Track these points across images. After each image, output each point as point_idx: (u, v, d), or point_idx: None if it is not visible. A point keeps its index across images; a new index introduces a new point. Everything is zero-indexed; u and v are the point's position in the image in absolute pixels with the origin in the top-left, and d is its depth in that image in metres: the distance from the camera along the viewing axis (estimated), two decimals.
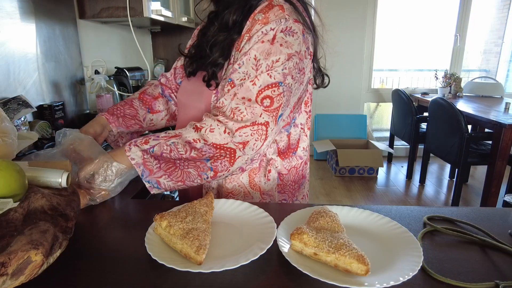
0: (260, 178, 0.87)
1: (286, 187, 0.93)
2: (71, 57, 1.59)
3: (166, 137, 0.73)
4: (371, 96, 4.02)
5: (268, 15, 0.72)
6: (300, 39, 0.75)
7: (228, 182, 0.86)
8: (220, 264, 0.55)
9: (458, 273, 0.56)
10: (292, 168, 0.92)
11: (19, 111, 1.11)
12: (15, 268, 0.49)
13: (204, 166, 0.72)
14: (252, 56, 0.72)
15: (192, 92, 0.88)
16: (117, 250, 0.63)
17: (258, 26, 0.72)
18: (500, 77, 4.03)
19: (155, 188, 0.75)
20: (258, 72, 0.71)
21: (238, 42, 0.77)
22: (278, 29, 0.72)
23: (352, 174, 3.47)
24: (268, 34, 0.72)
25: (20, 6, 1.27)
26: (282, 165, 0.89)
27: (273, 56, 0.71)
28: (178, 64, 1.05)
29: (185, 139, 0.71)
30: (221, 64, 0.80)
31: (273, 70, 0.71)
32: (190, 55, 0.90)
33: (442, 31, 3.94)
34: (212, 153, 0.71)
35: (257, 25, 0.73)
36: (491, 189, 2.46)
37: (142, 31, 2.43)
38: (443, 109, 2.64)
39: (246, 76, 0.72)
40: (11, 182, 0.60)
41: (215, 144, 0.70)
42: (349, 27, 3.71)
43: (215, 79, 0.80)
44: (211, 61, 0.79)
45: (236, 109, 0.71)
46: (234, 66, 0.74)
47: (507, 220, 0.74)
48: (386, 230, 0.67)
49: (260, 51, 0.72)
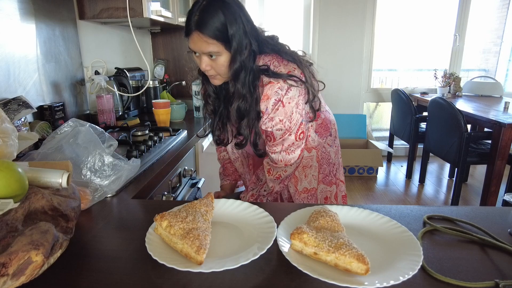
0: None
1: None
2: (71, 57, 1.59)
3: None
4: (371, 96, 4.03)
5: (266, 93, 0.94)
6: (297, 88, 0.96)
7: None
8: (221, 264, 0.55)
9: (458, 272, 0.56)
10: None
11: (19, 111, 1.12)
12: (16, 269, 0.49)
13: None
14: (277, 120, 0.97)
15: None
16: (118, 250, 0.63)
17: (264, 103, 0.95)
18: (500, 77, 4.03)
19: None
20: (286, 126, 0.97)
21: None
22: (280, 98, 0.94)
23: (351, 173, 3.47)
24: (277, 105, 0.95)
25: (20, 7, 1.28)
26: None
27: (289, 112, 0.96)
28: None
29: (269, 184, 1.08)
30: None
31: (293, 119, 0.97)
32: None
33: (441, 30, 3.94)
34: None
35: (264, 103, 0.95)
36: (491, 188, 2.46)
37: (142, 31, 2.43)
38: (443, 109, 2.64)
39: (282, 133, 0.99)
40: (12, 183, 0.60)
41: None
42: (349, 27, 3.71)
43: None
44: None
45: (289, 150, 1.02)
46: (267, 130, 0.99)
47: (506, 219, 0.74)
48: (386, 229, 0.67)
49: (281, 115, 0.96)
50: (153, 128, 1.57)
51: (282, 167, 1.04)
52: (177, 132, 1.51)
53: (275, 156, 1.02)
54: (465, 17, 3.73)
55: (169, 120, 1.69)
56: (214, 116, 1.11)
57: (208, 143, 1.85)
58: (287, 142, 1.00)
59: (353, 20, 3.69)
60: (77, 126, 0.89)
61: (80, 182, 0.81)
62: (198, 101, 1.91)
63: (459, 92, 3.53)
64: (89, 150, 0.84)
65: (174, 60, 2.57)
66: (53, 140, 0.87)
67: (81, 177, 0.82)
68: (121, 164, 0.87)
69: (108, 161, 0.85)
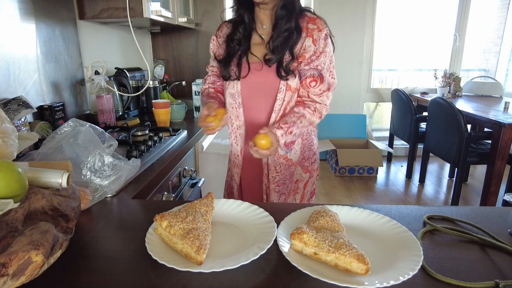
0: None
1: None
2: (71, 57, 1.59)
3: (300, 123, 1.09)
4: (371, 96, 4.03)
5: (318, 26, 1.07)
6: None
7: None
8: (221, 264, 0.55)
9: (458, 272, 0.56)
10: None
11: (19, 111, 1.12)
12: (16, 269, 0.49)
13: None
14: (329, 57, 1.10)
15: (262, 84, 1.12)
16: (118, 250, 0.63)
17: (317, 33, 1.06)
18: (500, 77, 4.03)
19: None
20: (331, 66, 1.12)
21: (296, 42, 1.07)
22: (328, 33, 1.09)
23: (352, 173, 3.47)
24: (327, 39, 1.08)
25: (20, 7, 1.28)
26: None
27: (331, 52, 1.11)
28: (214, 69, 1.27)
29: (309, 120, 1.10)
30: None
31: (333, 61, 1.13)
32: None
33: (441, 30, 3.94)
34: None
35: (316, 32, 1.06)
36: (491, 189, 2.46)
37: (142, 31, 2.43)
38: (443, 109, 2.64)
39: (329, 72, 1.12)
40: (12, 183, 0.61)
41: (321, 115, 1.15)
42: (349, 27, 3.71)
43: (288, 71, 1.07)
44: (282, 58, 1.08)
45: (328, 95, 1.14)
46: (314, 63, 1.07)
47: (506, 219, 0.74)
48: (386, 229, 0.67)
49: (329, 50, 1.09)
50: (153, 128, 1.57)
51: (325, 107, 1.13)
52: (177, 132, 1.51)
53: (323, 98, 1.12)
54: (465, 17, 3.73)
55: (169, 120, 1.69)
56: (239, 46, 1.12)
57: (208, 143, 1.85)
58: (332, 85, 1.13)
59: (353, 20, 3.69)
60: (77, 126, 0.89)
61: (80, 182, 0.81)
62: (198, 101, 1.91)
63: (459, 92, 3.53)
64: (89, 150, 0.84)
65: (174, 60, 2.57)
66: (53, 140, 0.87)
67: (81, 177, 0.82)
68: (121, 164, 0.87)
69: (108, 161, 0.85)
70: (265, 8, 1.07)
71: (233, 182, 1.27)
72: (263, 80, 1.10)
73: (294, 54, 1.06)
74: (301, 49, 1.07)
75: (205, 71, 1.39)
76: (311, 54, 1.06)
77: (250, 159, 1.19)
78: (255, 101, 1.14)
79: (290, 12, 1.05)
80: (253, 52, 1.12)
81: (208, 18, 2.49)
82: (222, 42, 1.17)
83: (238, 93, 1.14)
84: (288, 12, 1.05)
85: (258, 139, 0.97)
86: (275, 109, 1.10)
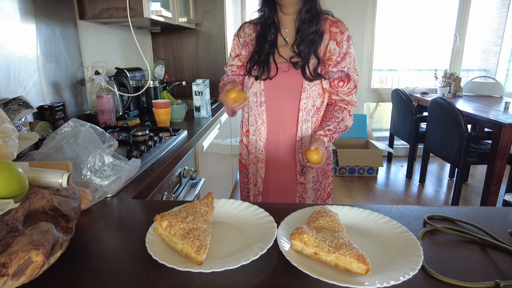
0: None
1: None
2: (71, 57, 1.59)
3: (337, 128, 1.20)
4: (371, 96, 4.02)
5: (340, 29, 1.15)
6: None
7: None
8: (221, 264, 0.55)
9: (458, 273, 0.56)
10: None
11: (19, 111, 1.12)
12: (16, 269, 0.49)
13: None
14: (353, 57, 1.16)
15: (286, 84, 1.17)
16: (118, 251, 0.63)
17: (340, 35, 1.14)
18: (500, 77, 4.03)
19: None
20: (355, 65, 1.17)
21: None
22: (349, 36, 1.17)
23: (352, 173, 3.47)
24: (349, 41, 1.16)
25: (20, 7, 1.28)
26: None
27: (353, 53, 1.17)
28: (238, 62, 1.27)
29: (345, 123, 1.21)
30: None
31: (355, 63, 1.18)
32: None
33: (441, 30, 3.94)
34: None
35: (339, 35, 1.14)
36: (491, 189, 2.46)
37: (142, 31, 2.43)
38: (443, 109, 2.64)
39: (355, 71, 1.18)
40: (12, 183, 0.60)
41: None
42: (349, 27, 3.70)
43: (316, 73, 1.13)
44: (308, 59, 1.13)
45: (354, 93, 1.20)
46: (341, 65, 1.15)
47: (507, 219, 0.74)
48: (386, 229, 0.67)
49: (352, 51, 1.16)
50: (153, 128, 1.57)
51: (354, 105, 1.21)
52: (177, 132, 1.51)
53: (352, 96, 1.18)
54: (465, 17, 3.72)
55: (169, 120, 1.69)
56: (270, 48, 1.16)
57: (208, 143, 1.85)
58: (357, 82, 1.18)
59: (353, 20, 3.69)
60: (77, 126, 0.89)
61: (80, 182, 0.81)
62: (198, 101, 1.91)
63: (459, 92, 3.53)
64: (89, 150, 0.84)
65: (174, 60, 2.57)
66: (53, 140, 0.87)
67: (81, 177, 0.82)
68: (121, 164, 0.87)
69: (108, 161, 0.85)
70: (288, 13, 1.13)
71: (258, 176, 1.29)
72: (288, 80, 1.15)
73: (319, 57, 1.12)
74: (327, 52, 1.13)
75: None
76: (336, 57, 1.13)
77: (274, 155, 1.25)
78: (278, 100, 1.19)
79: (314, 16, 1.11)
80: (280, 54, 1.16)
81: (208, 18, 2.49)
82: (244, 41, 1.22)
83: (261, 92, 1.18)
84: (312, 16, 1.11)
85: (310, 156, 1.03)
86: (301, 108, 1.16)
